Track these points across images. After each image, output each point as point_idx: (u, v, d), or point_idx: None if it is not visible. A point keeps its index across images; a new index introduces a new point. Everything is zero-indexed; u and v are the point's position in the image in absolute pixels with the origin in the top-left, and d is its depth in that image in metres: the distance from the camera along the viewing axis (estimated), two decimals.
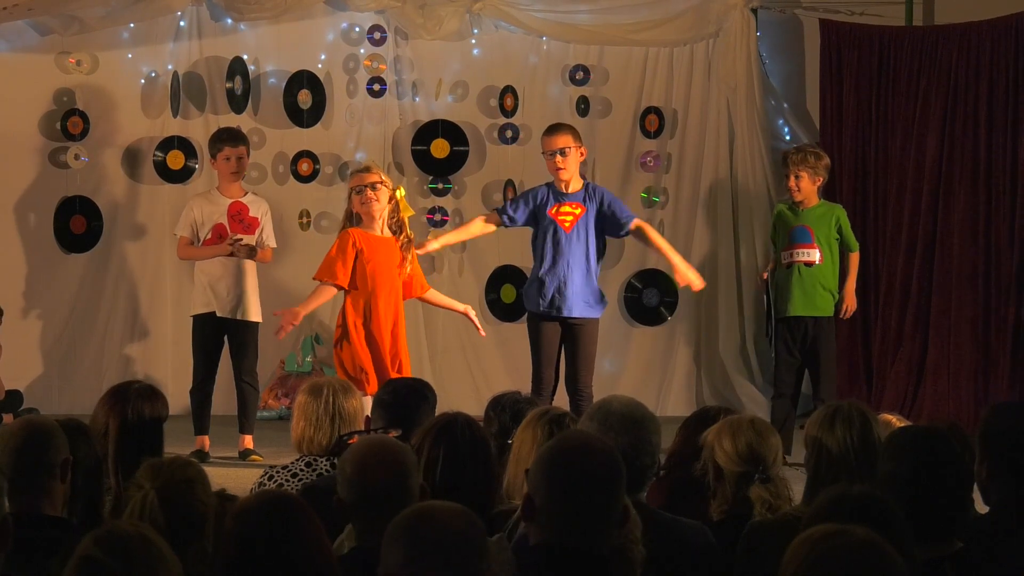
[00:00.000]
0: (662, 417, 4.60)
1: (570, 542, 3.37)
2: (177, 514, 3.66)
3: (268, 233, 9.17)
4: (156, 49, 10.83)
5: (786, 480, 4.50)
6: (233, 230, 9.03)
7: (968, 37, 10.42)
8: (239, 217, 9.08)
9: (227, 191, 9.10)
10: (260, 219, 9.14)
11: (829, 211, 8.91)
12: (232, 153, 9.03)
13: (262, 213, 9.17)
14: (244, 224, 9.06)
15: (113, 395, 4.88)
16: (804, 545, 2.89)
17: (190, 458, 3.90)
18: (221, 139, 9.18)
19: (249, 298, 9.01)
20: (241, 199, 9.11)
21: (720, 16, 10.93)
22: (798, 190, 8.83)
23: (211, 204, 9.08)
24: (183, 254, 9.22)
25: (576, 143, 8.42)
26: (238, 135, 9.28)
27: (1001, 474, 4.16)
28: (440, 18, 10.80)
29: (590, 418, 4.41)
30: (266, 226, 9.16)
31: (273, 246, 9.22)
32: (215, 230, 9.03)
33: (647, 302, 11.08)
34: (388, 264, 8.07)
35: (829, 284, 8.82)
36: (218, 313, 8.97)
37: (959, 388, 10.33)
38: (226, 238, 8.98)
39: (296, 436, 5.43)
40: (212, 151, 9.17)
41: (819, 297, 8.80)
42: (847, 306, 8.87)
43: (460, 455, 4.30)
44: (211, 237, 9.02)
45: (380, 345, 8.02)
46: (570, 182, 8.42)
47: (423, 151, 11.00)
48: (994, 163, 10.31)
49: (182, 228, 9.10)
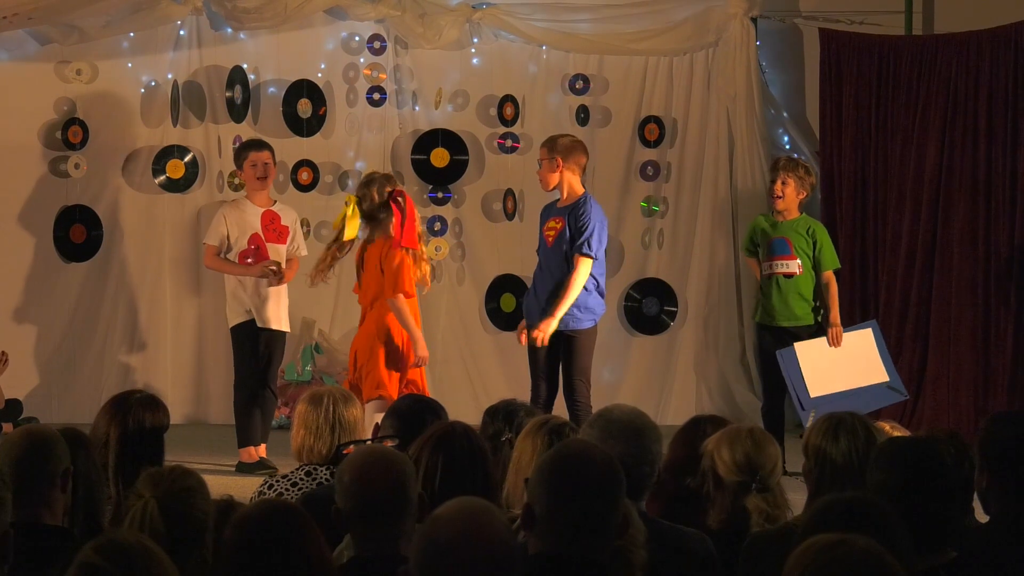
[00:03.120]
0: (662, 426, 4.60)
1: (570, 551, 3.37)
2: (177, 523, 3.66)
3: (299, 242, 9.19)
4: (156, 58, 10.84)
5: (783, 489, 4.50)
6: (268, 239, 9.01)
7: (968, 46, 10.42)
8: (272, 226, 9.07)
9: (256, 199, 9.09)
10: (291, 227, 9.14)
11: (807, 224, 8.99)
12: (258, 158, 9.04)
13: (292, 221, 9.18)
14: (277, 233, 9.07)
15: (114, 404, 4.88)
16: (806, 555, 2.88)
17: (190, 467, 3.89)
18: (246, 146, 9.24)
19: (282, 308, 9.01)
20: (272, 208, 9.12)
21: (720, 25, 10.94)
22: (781, 196, 8.93)
23: (243, 213, 9.04)
24: (211, 264, 9.16)
25: (547, 155, 8.47)
26: (262, 141, 9.36)
27: (1001, 484, 4.16)
28: (440, 27, 10.80)
29: (591, 426, 4.41)
30: (296, 234, 9.17)
31: (304, 254, 9.22)
32: (251, 239, 8.99)
33: (647, 311, 11.08)
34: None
35: (807, 294, 8.94)
36: (258, 323, 8.94)
37: (959, 398, 10.32)
38: (262, 247, 8.95)
39: (296, 445, 5.42)
40: (238, 161, 9.18)
41: (798, 307, 8.94)
42: (835, 332, 8.88)
43: (459, 464, 4.29)
44: (247, 247, 8.99)
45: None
46: (557, 192, 8.51)
47: (423, 160, 11.00)
48: (994, 172, 10.31)
49: (212, 237, 9.05)
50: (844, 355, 8.88)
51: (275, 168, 9.29)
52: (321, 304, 10.74)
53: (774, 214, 9.05)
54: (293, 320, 10.74)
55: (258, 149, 9.12)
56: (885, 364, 9.02)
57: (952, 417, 10.12)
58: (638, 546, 3.69)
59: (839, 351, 8.87)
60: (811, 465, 4.46)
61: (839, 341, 8.88)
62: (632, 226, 11.10)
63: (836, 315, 8.93)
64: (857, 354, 8.93)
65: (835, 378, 8.87)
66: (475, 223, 11.09)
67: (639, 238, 11.10)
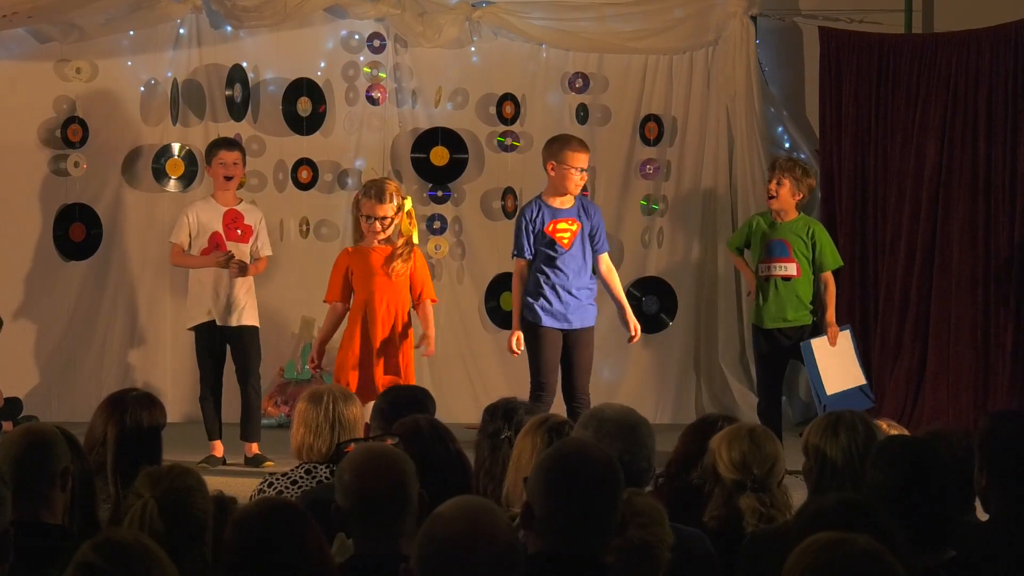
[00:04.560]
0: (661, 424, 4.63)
1: (569, 550, 3.37)
2: (177, 522, 3.65)
3: (263, 241, 9.23)
4: (156, 57, 10.84)
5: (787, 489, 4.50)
6: (229, 238, 9.06)
7: (967, 45, 10.41)
8: (235, 225, 9.11)
9: (222, 198, 9.16)
10: (255, 227, 9.18)
11: (806, 225, 8.96)
12: (227, 158, 9.11)
13: (256, 221, 9.22)
14: (239, 232, 9.09)
15: (111, 403, 4.87)
16: (806, 554, 2.88)
17: (189, 465, 3.89)
18: (216, 145, 9.36)
19: (245, 303, 9.03)
20: (236, 207, 9.16)
21: (719, 24, 10.93)
22: (776, 196, 8.91)
23: (207, 211, 9.13)
24: (176, 261, 9.28)
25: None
26: (232, 141, 9.47)
27: (1001, 483, 4.16)
28: (439, 26, 10.80)
29: (584, 427, 4.42)
30: (260, 234, 9.21)
31: (268, 254, 9.26)
32: (212, 238, 9.06)
33: (646, 310, 11.07)
34: (371, 270, 8.37)
35: (805, 297, 8.92)
36: (217, 321, 8.98)
37: (959, 396, 10.31)
38: (222, 246, 9.01)
39: (296, 443, 5.43)
40: (208, 157, 9.33)
41: (794, 310, 8.90)
42: (833, 332, 8.88)
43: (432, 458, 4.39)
44: (208, 246, 9.05)
45: (372, 353, 8.32)
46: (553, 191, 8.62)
47: (422, 159, 11.00)
48: (994, 171, 10.30)
49: (176, 235, 9.14)
50: (840, 355, 8.89)
51: (243, 170, 9.39)
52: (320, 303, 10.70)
53: (771, 214, 9.04)
54: (293, 319, 10.78)
55: (228, 148, 9.21)
56: (861, 366, 9.08)
57: (952, 416, 10.11)
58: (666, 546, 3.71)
59: (837, 350, 8.88)
60: (811, 464, 4.47)
61: (835, 341, 8.89)
62: (632, 225, 11.09)
63: (833, 315, 8.93)
64: (845, 355, 8.97)
65: (838, 377, 8.90)
66: (475, 222, 11.09)
67: (639, 237, 11.09)
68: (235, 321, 9.01)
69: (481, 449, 5.11)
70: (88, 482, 4.23)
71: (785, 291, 8.89)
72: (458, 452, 4.63)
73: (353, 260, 8.44)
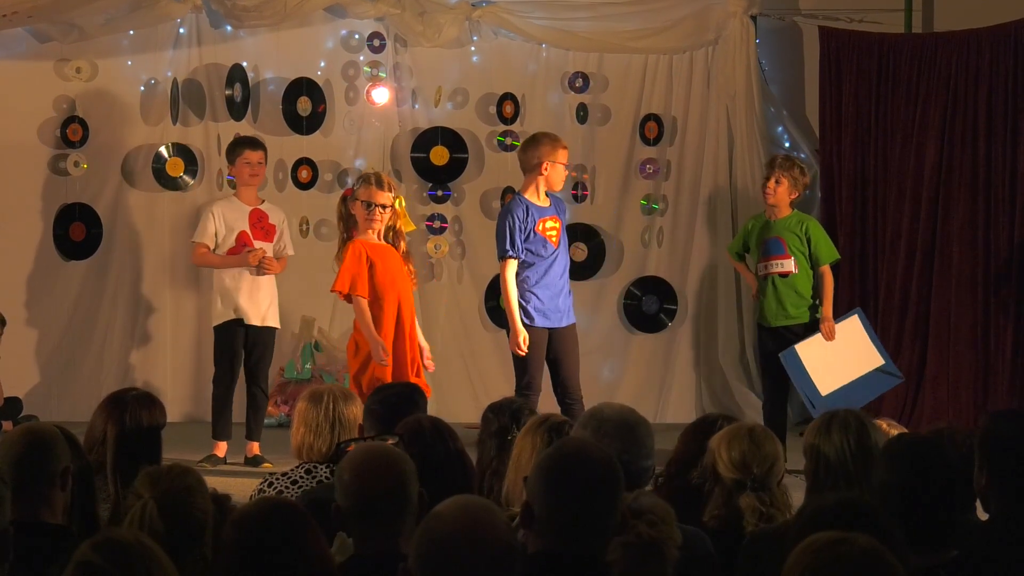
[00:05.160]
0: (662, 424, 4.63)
1: (569, 550, 3.37)
2: (176, 522, 3.65)
3: (287, 241, 9.23)
4: (156, 56, 10.84)
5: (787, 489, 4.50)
6: (256, 237, 9.04)
7: (967, 44, 10.42)
8: (260, 224, 9.09)
9: (245, 197, 9.13)
10: (279, 227, 9.16)
11: (799, 221, 8.98)
12: (252, 157, 9.10)
13: (280, 221, 9.22)
14: (264, 231, 9.09)
15: (111, 402, 4.87)
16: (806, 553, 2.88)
17: (189, 465, 3.89)
18: (241, 143, 9.29)
19: (271, 304, 9.03)
20: (259, 206, 9.14)
21: (719, 23, 10.93)
22: (773, 194, 8.96)
23: (232, 211, 9.07)
24: (200, 261, 9.19)
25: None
26: (256, 140, 9.44)
27: (1000, 482, 4.16)
28: (439, 25, 10.80)
29: (583, 427, 4.43)
30: (284, 234, 9.20)
31: (291, 254, 9.25)
32: (239, 238, 9.02)
33: (646, 309, 11.07)
34: (400, 270, 8.13)
35: (804, 292, 8.94)
36: (245, 320, 8.96)
37: (958, 395, 10.32)
38: (250, 245, 8.97)
39: (296, 443, 5.43)
40: (231, 156, 9.21)
41: (794, 306, 8.93)
42: (828, 326, 8.88)
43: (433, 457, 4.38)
44: (235, 245, 9.01)
45: (403, 354, 8.04)
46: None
47: (422, 158, 11.00)
48: (993, 170, 10.30)
49: (201, 235, 9.05)
50: (841, 347, 8.90)
51: (265, 169, 9.33)
52: (320, 302, 10.72)
53: (765, 212, 9.08)
54: (292, 319, 10.76)
55: (253, 148, 9.18)
56: (877, 348, 9.07)
57: (952, 415, 10.12)
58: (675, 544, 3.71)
59: (835, 344, 8.88)
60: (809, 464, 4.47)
61: (832, 335, 8.89)
62: (631, 224, 11.09)
63: (829, 309, 8.93)
64: (851, 343, 8.97)
65: (838, 372, 8.90)
66: (475, 221, 11.08)
67: (639, 236, 11.09)
68: (260, 321, 9.00)
69: (486, 449, 5.11)
70: (88, 482, 4.22)
71: (784, 287, 8.92)
72: (459, 451, 4.63)
73: (374, 254, 8.06)
